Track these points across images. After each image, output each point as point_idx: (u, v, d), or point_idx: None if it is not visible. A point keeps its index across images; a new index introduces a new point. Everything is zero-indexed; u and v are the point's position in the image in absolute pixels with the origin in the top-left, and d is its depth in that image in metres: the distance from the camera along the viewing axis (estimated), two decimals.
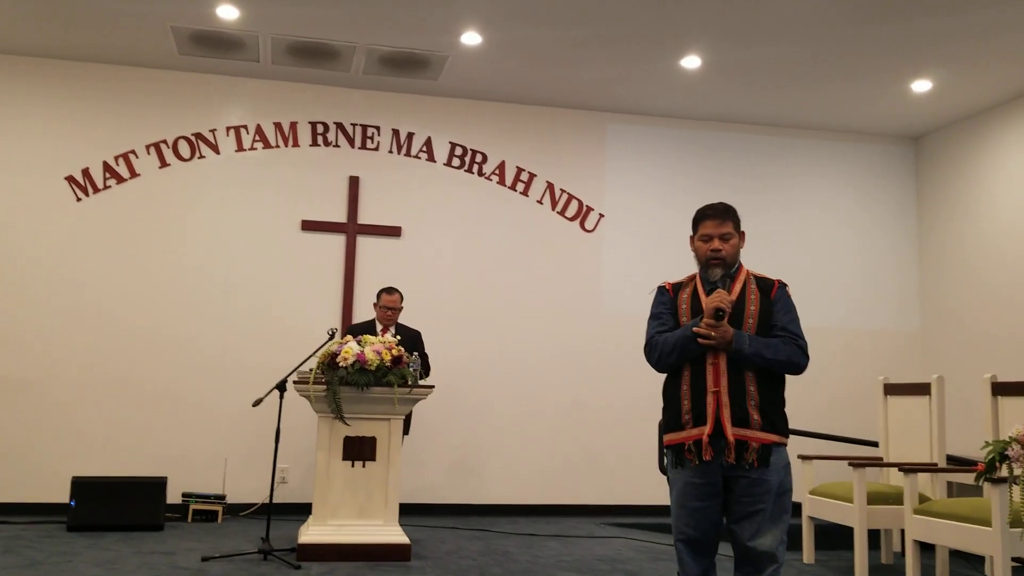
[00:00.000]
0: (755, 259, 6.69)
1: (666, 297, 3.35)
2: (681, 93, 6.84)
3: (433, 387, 5.27)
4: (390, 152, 6.95)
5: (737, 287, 3.22)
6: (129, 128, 6.60)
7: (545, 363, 6.96)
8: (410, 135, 6.98)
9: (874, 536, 5.61)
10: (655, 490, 6.39)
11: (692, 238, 3.33)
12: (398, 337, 5.47)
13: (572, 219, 7.17)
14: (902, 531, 5.02)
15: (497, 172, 7.09)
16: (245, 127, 6.77)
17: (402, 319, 6.10)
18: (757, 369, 3.10)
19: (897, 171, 7.65)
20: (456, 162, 7.04)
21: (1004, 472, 3.51)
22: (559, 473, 6.88)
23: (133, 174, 6.59)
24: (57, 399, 6.25)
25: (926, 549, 5.31)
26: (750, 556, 3.11)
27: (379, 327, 5.96)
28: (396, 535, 5.02)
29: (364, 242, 6.81)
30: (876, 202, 7.60)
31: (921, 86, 6.56)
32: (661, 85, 6.69)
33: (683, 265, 3.42)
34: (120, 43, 6.23)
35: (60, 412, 6.24)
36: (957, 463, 5.48)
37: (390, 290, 6.03)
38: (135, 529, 5.62)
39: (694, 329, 3.11)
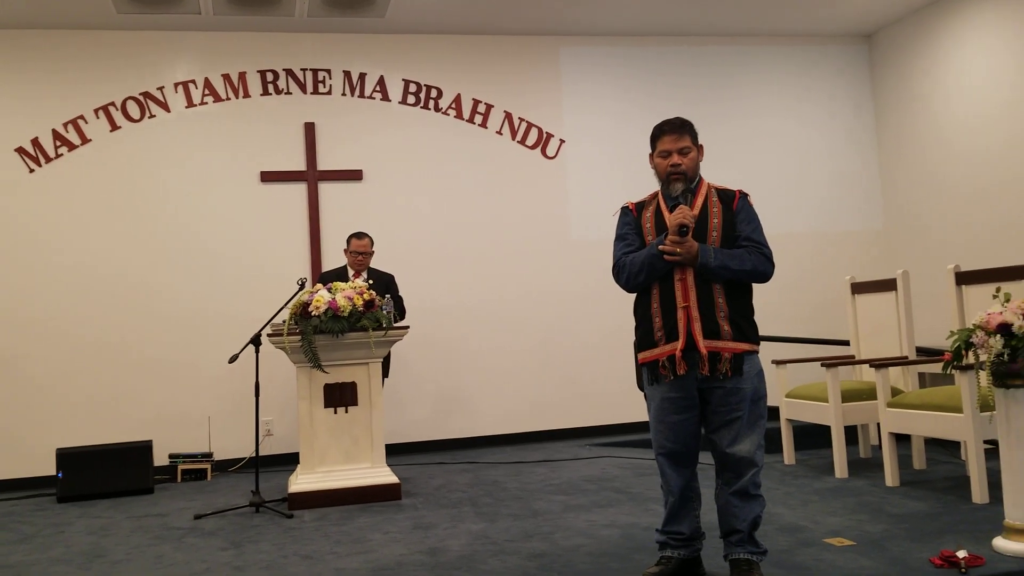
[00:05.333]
0: (718, 170, 6.70)
1: (630, 217, 3.38)
2: (630, 10, 6.74)
3: (408, 327, 5.29)
4: (343, 95, 6.83)
5: (699, 201, 3.24)
6: (75, 93, 6.44)
7: (518, 293, 6.98)
8: (362, 76, 6.86)
9: (851, 432, 5.77)
10: (637, 407, 6.51)
11: (651, 155, 3.33)
12: (370, 281, 5.46)
13: (533, 147, 7.12)
14: (878, 425, 5.16)
15: (454, 106, 7.01)
16: (193, 82, 6.63)
17: (373, 263, 6.08)
18: (725, 281, 3.14)
19: (852, 71, 7.63)
20: (411, 99, 6.94)
21: (971, 359, 3.59)
22: (542, 400, 6.96)
23: (84, 140, 6.45)
24: (32, 373, 6.21)
25: (902, 440, 5.47)
26: (730, 463, 3.19)
27: (351, 272, 5.94)
28: (385, 476, 5.09)
29: (326, 188, 6.74)
30: (834, 104, 7.59)
31: None
32: (610, 3, 6.59)
33: (648, 184, 3.43)
34: (56, 6, 6.04)
35: (36, 385, 6.20)
36: (927, 354, 5.61)
37: (359, 235, 5.99)
38: (125, 494, 5.65)
39: (660, 247, 3.14)
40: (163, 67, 6.59)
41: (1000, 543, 3.49)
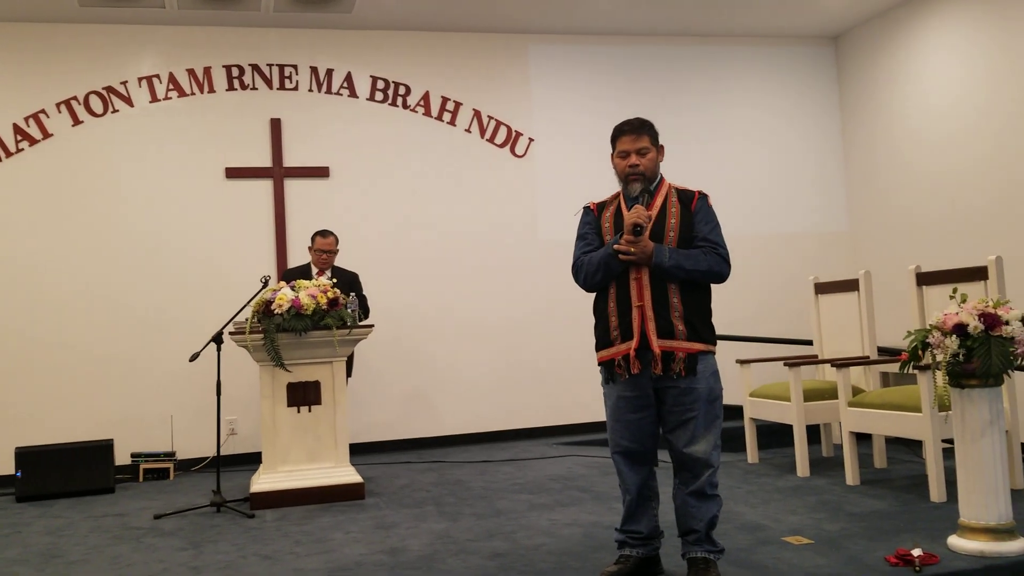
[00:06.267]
0: (687, 170, 6.71)
1: (590, 217, 3.39)
2: (599, 9, 6.74)
3: (372, 326, 5.26)
4: (310, 91, 6.78)
5: (658, 201, 3.25)
6: (37, 87, 6.34)
7: (486, 293, 6.96)
8: (329, 72, 6.82)
9: (815, 431, 5.81)
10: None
11: (612, 155, 3.33)
12: (334, 280, 5.43)
13: (502, 146, 7.10)
14: (840, 424, 5.19)
15: (422, 103, 6.97)
16: (157, 76, 6.55)
17: (339, 260, 6.04)
18: (680, 281, 3.15)
19: (819, 72, 7.67)
20: (379, 96, 6.90)
21: (927, 359, 3.62)
22: (511, 399, 6.94)
23: (46, 135, 6.35)
24: None
25: (865, 439, 5.52)
26: (687, 463, 3.20)
27: (315, 271, 5.90)
28: (348, 475, 5.06)
29: (292, 185, 6.68)
30: (801, 105, 7.62)
31: None
32: (578, 2, 6.58)
33: (616, 183, 3.42)
34: None
35: None
36: (891, 354, 5.65)
37: (324, 233, 5.95)
38: (86, 494, 5.58)
39: (614, 246, 3.14)
40: (127, 61, 6.50)
41: (955, 541, 3.52)
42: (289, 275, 5.77)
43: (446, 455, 6.38)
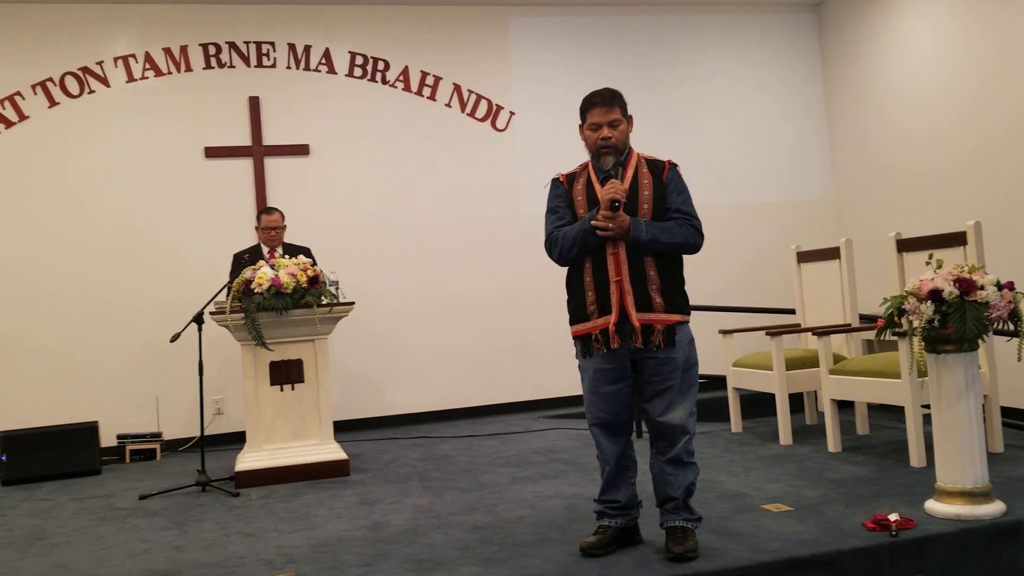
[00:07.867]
0: (669, 140, 6.70)
1: (561, 190, 3.37)
2: None
3: (353, 303, 5.24)
4: (288, 68, 6.72)
5: (629, 173, 3.23)
6: (11, 68, 6.27)
7: (468, 267, 6.93)
8: (307, 48, 6.75)
9: (798, 399, 5.83)
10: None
11: (581, 127, 3.31)
12: (286, 256, 5.34)
13: (483, 120, 7.06)
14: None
15: (402, 78, 6.92)
16: (133, 56, 6.48)
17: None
18: (656, 253, 3.14)
19: (801, 40, 7.62)
20: (358, 72, 6.85)
21: (904, 326, 3.63)
22: (495, 373, 6.94)
23: (22, 117, 6.30)
24: None
25: (848, 406, 5.54)
26: (663, 431, 3.21)
27: (265, 250, 5.83)
28: (333, 452, 5.07)
29: (272, 163, 6.64)
30: (783, 73, 7.58)
31: None
32: None
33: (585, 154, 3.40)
34: None
35: None
36: (872, 322, 5.65)
37: (269, 210, 5.89)
38: (72, 476, 5.58)
39: (592, 222, 3.13)
40: (102, 41, 6.43)
41: (932, 505, 3.55)
42: (240, 257, 5.62)
43: (432, 430, 6.39)
